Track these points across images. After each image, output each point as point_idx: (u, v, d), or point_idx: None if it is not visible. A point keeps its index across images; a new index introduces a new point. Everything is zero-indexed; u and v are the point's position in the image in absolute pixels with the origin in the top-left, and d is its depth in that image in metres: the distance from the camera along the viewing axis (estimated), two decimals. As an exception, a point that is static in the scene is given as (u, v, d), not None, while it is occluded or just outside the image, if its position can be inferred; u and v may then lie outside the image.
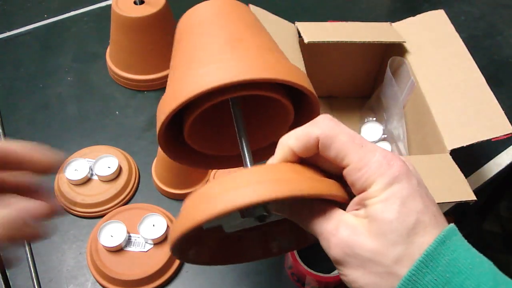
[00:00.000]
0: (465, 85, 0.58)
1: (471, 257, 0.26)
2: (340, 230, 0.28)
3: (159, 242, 0.58)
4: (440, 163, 0.52)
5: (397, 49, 0.66)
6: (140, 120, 0.75)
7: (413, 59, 0.63)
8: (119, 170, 0.65)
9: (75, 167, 0.64)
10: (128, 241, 0.58)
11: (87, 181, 0.64)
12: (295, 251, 0.55)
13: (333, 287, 0.55)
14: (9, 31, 0.89)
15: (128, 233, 0.58)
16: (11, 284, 0.58)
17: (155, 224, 0.59)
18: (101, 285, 0.57)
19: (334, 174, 0.30)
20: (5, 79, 0.81)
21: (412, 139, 0.64)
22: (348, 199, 0.29)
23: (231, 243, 0.38)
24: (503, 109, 0.55)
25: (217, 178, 0.64)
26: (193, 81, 0.32)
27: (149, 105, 0.77)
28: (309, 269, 0.54)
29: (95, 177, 0.65)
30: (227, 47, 0.34)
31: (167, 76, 0.38)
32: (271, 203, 0.31)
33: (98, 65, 0.83)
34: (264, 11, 0.59)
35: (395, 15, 0.79)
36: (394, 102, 0.66)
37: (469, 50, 0.62)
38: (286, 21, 0.63)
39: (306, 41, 0.59)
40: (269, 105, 0.40)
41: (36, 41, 0.87)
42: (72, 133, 0.73)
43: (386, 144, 0.70)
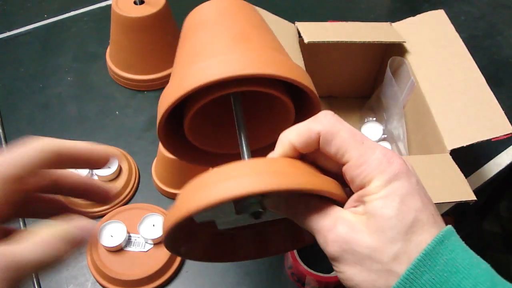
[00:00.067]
0: (465, 85, 0.58)
1: (468, 257, 0.26)
2: (337, 226, 0.28)
3: (159, 242, 0.58)
4: (440, 163, 0.52)
5: (397, 49, 0.65)
6: (140, 120, 0.75)
7: (413, 59, 0.63)
8: (119, 170, 0.65)
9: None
10: (128, 241, 0.58)
11: (87, 181, 0.64)
12: (295, 251, 0.55)
13: (333, 287, 0.55)
14: (9, 31, 0.89)
15: (128, 233, 0.58)
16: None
17: (155, 224, 0.59)
18: (101, 285, 0.57)
19: (332, 173, 0.30)
20: (5, 79, 0.81)
21: (412, 139, 0.64)
22: (346, 198, 0.29)
23: (224, 241, 0.38)
24: (503, 109, 0.55)
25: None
26: (194, 74, 0.32)
27: (149, 105, 0.77)
28: (309, 269, 0.54)
29: (95, 177, 0.65)
30: (231, 44, 0.34)
31: (167, 76, 0.38)
32: (267, 197, 0.30)
33: (98, 65, 0.83)
34: (264, 11, 0.59)
35: (395, 15, 0.79)
36: (394, 102, 0.66)
37: (469, 50, 0.62)
38: (286, 21, 0.63)
39: (306, 41, 0.59)
40: (270, 105, 0.40)
41: (36, 41, 0.87)
42: (72, 133, 0.73)
43: (386, 144, 0.70)
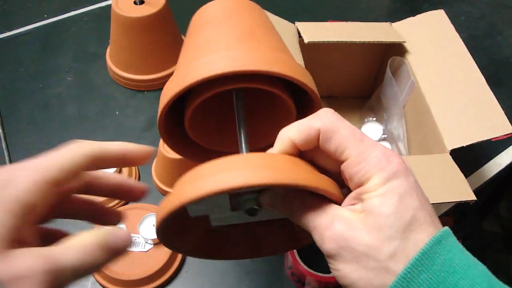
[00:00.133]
0: (465, 85, 0.58)
1: (465, 258, 0.26)
2: (335, 224, 0.28)
3: (159, 242, 0.58)
4: (440, 163, 0.52)
5: (397, 49, 0.65)
6: (140, 120, 0.75)
7: (413, 59, 0.63)
8: (119, 170, 0.65)
9: (75, 167, 0.64)
10: (128, 241, 0.58)
11: (87, 181, 0.64)
12: (295, 251, 0.55)
13: (333, 287, 0.55)
14: (9, 31, 0.89)
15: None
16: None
17: (155, 224, 0.58)
18: (101, 285, 0.57)
19: (330, 172, 0.30)
20: (5, 79, 0.81)
21: (412, 139, 0.64)
22: (342, 198, 0.29)
23: (218, 238, 0.38)
24: (503, 109, 0.55)
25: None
26: (197, 68, 0.32)
27: (149, 105, 0.77)
28: (309, 269, 0.54)
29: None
30: (236, 42, 0.34)
31: (167, 76, 0.38)
32: (263, 194, 0.30)
33: (98, 65, 0.83)
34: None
35: (395, 15, 0.79)
36: (394, 102, 0.66)
37: (469, 50, 0.62)
38: (286, 21, 0.63)
39: (306, 41, 0.59)
40: (272, 104, 0.40)
41: (36, 41, 0.87)
42: (72, 133, 0.73)
43: (386, 144, 0.70)
